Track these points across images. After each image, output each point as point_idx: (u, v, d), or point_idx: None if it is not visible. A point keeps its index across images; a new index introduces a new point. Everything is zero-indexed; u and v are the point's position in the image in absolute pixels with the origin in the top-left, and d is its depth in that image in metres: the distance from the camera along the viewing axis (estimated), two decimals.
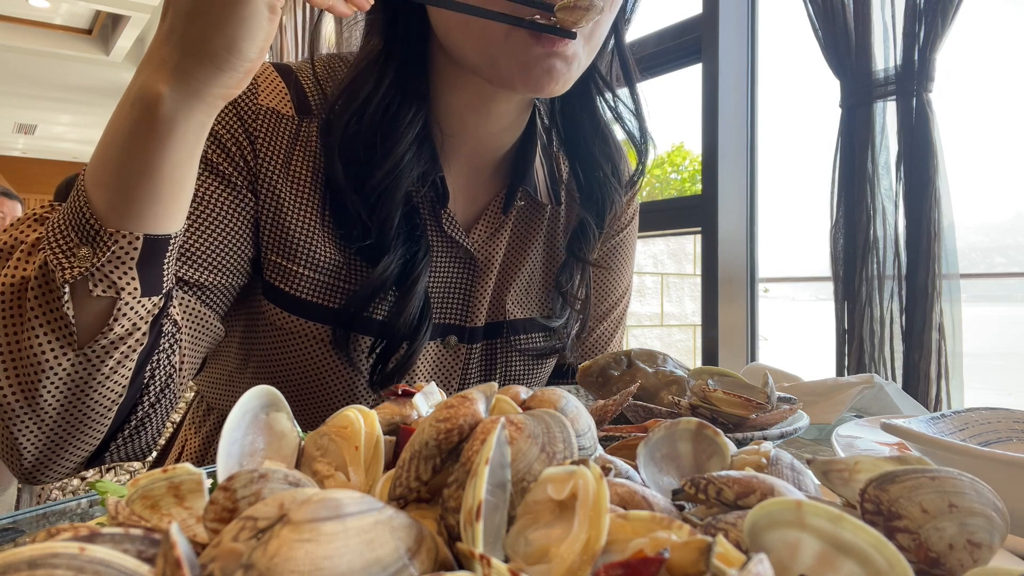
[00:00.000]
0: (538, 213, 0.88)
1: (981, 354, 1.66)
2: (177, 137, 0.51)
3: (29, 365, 0.53)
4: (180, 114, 0.51)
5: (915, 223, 1.38)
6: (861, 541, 0.24)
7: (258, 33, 0.49)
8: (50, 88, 7.47)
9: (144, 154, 0.51)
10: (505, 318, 0.86)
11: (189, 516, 0.31)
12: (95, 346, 0.54)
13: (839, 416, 0.87)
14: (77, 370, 0.55)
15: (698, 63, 1.88)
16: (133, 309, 0.54)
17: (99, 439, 0.60)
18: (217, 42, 0.48)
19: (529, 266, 0.88)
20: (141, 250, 0.53)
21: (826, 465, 0.35)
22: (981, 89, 1.87)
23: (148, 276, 0.55)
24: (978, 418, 0.63)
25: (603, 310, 0.97)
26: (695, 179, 3.05)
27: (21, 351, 0.53)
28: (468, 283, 0.83)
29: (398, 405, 0.43)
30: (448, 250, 0.81)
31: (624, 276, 0.99)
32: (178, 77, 0.50)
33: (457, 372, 0.84)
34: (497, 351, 0.86)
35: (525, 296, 0.87)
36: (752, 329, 1.83)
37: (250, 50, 0.50)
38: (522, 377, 0.89)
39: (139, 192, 0.52)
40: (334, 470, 0.36)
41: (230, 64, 0.50)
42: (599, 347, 0.98)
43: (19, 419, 0.55)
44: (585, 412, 0.37)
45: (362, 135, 0.72)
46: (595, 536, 0.25)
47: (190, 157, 0.54)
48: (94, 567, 0.23)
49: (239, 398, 0.37)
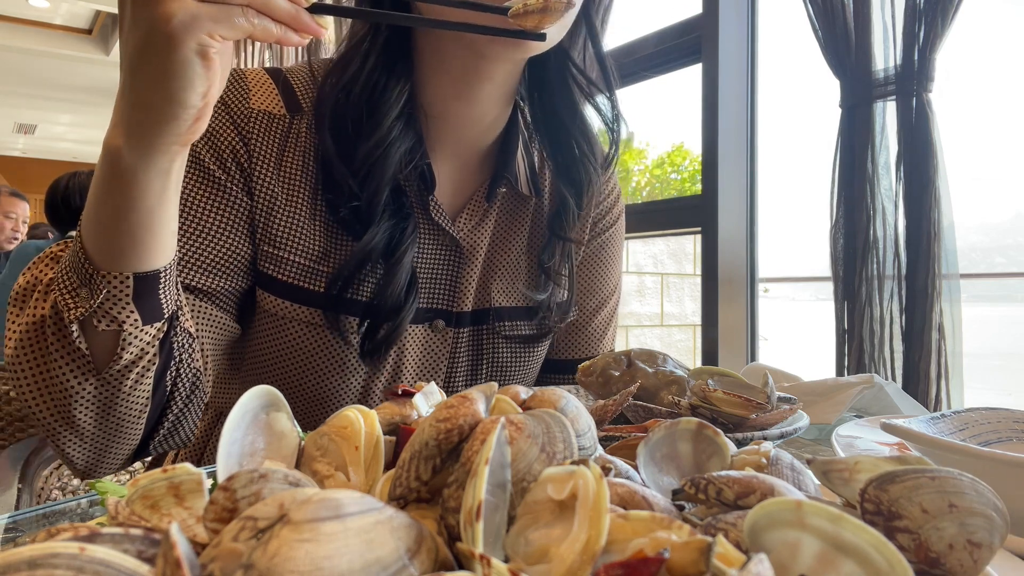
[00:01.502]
0: (522, 205, 0.92)
1: (981, 354, 1.66)
2: (141, 186, 0.54)
3: (59, 392, 0.59)
4: (139, 165, 0.53)
5: (915, 223, 1.38)
6: (861, 541, 0.24)
7: (195, 81, 0.50)
8: (50, 88, 7.48)
9: (115, 203, 0.54)
10: (491, 305, 0.89)
11: (189, 516, 0.31)
12: (111, 370, 0.59)
13: (839, 416, 0.87)
14: (101, 391, 0.60)
15: (698, 63, 1.88)
16: (137, 337, 0.59)
17: (137, 441, 0.66)
18: (158, 95, 0.50)
19: (514, 255, 0.91)
20: (134, 287, 0.57)
21: (826, 465, 0.35)
22: (981, 89, 1.87)
23: (146, 307, 0.58)
24: (978, 418, 0.63)
25: (593, 305, 0.99)
26: (695, 179, 3.05)
27: (50, 381, 0.59)
28: (454, 269, 0.87)
29: (398, 405, 0.43)
30: (434, 236, 0.85)
31: (613, 272, 1.02)
32: (130, 131, 0.52)
33: (445, 355, 0.87)
34: (484, 337, 0.90)
35: (511, 284, 0.91)
36: (752, 329, 1.83)
37: (190, 98, 0.50)
38: (510, 365, 0.91)
39: (118, 237, 0.55)
40: (334, 470, 0.36)
41: (173, 114, 0.51)
42: (591, 343, 1.00)
43: (62, 436, 0.62)
44: (585, 412, 0.37)
45: (351, 109, 0.76)
46: (595, 536, 0.25)
47: (160, 201, 0.56)
48: (94, 567, 0.23)
49: (237, 393, 0.37)
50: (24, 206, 3.88)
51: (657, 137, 3.49)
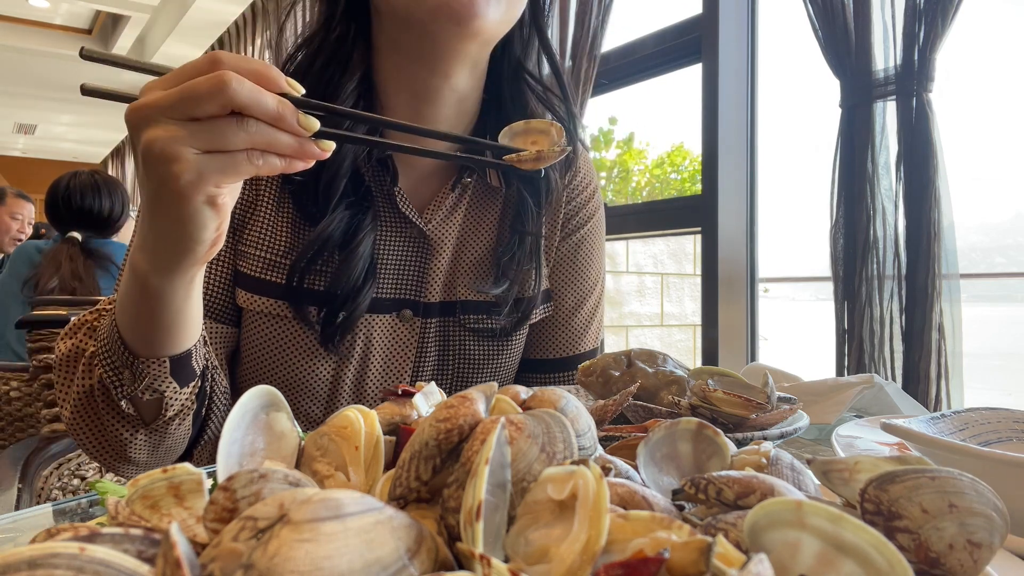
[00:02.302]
0: (492, 197, 0.93)
1: (981, 354, 1.66)
2: (167, 297, 0.60)
3: (116, 442, 0.70)
4: (164, 284, 0.59)
5: (915, 223, 1.38)
6: (862, 541, 0.24)
7: (207, 224, 0.54)
8: (50, 88, 7.48)
9: (147, 310, 0.61)
10: (458, 298, 0.90)
11: (189, 516, 0.31)
12: (158, 423, 0.69)
13: (839, 416, 0.87)
14: (151, 437, 0.70)
15: (698, 63, 1.88)
16: (177, 398, 0.68)
17: (182, 452, 0.76)
18: (173, 237, 0.55)
19: (482, 248, 0.92)
20: (170, 366, 0.65)
21: (826, 465, 0.35)
22: (981, 89, 1.87)
23: (181, 375, 0.67)
24: (978, 418, 0.63)
25: (571, 304, 0.99)
26: (695, 179, 3.05)
27: (106, 436, 0.70)
28: (421, 260, 0.88)
29: (398, 405, 0.43)
30: (401, 228, 0.86)
31: (592, 269, 1.01)
32: (152, 262, 0.57)
33: (412, 345, 0.88)
34: (451, 330, 0.90)
35: (478, 278, 0.91)
36: (752, 329, 1.83)
37: (204, 236, 0.55)
38: (478, 359, 0.92)
39: (152, 332, 0.63)
40: (334, 470, 0.36)
41: (190, 249, 0.56)
42: (574, 340, 0.99)
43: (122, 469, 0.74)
44: (585, 412, 0.37)
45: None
46: (595, 536, 0.25)
47: (186, 302, 0.62)
48: (94, 567, 0.23)
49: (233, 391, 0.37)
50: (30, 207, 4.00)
51: (657, 137, 3.50)
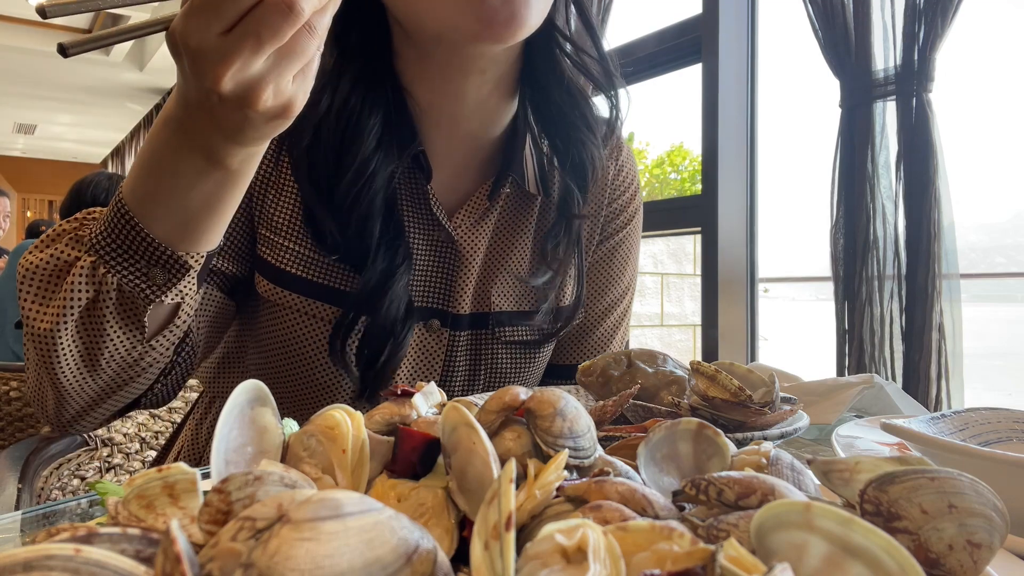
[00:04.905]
0: (527, 205, 0.88)
1: (981, 354, 1.66)
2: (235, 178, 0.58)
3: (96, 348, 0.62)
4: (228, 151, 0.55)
5: (915, 223, 1.38)
6: (872, 544, 0.24)
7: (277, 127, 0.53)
8: (50, 88, 7.48)
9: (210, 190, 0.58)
10: (491, 309, 0.85)
11: (184, 516, 0.31)
12: (159, 338, 0.64)
13: (839, 416, 0.87)
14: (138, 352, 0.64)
15: (698, 63, 1.88)
16: (190, 305, 0.65)
17: (136, 396, 0.70)
18: None
19: (517, 258, 0.87)
20: (204, 263, 0.62)
21: (826, 465, 0.35)
22: (981, 89, 1.87)
23: (200, 277, 0.64)
24: (978, 418, 0.63)
25: (601, 309, 0.96)
26: (695, 179, 3.05)
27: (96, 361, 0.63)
28: (450, 269, 0.83)
29: (398, 405, 0.43)
30: (429, 233, 0.82)
31: (623, 276, 0.98)
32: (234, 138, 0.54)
33: (440, 356, 0.84)
34: (483, 342, 0.86)
35: (512, 288, 0.87)
36: (752, 329, 1.83)
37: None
38: (510, 371, 0.88)
39: (206, 220, 0.60)
40: (321, 472, 0.36)
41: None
42: (599, 348, 0.97)
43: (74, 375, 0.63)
44: (585, 412, 0.37)
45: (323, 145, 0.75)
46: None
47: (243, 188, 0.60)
48: (89, 568, 0.23)
49: (236, 382, 0.37)
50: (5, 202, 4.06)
51: (657, 137, 3.50)
